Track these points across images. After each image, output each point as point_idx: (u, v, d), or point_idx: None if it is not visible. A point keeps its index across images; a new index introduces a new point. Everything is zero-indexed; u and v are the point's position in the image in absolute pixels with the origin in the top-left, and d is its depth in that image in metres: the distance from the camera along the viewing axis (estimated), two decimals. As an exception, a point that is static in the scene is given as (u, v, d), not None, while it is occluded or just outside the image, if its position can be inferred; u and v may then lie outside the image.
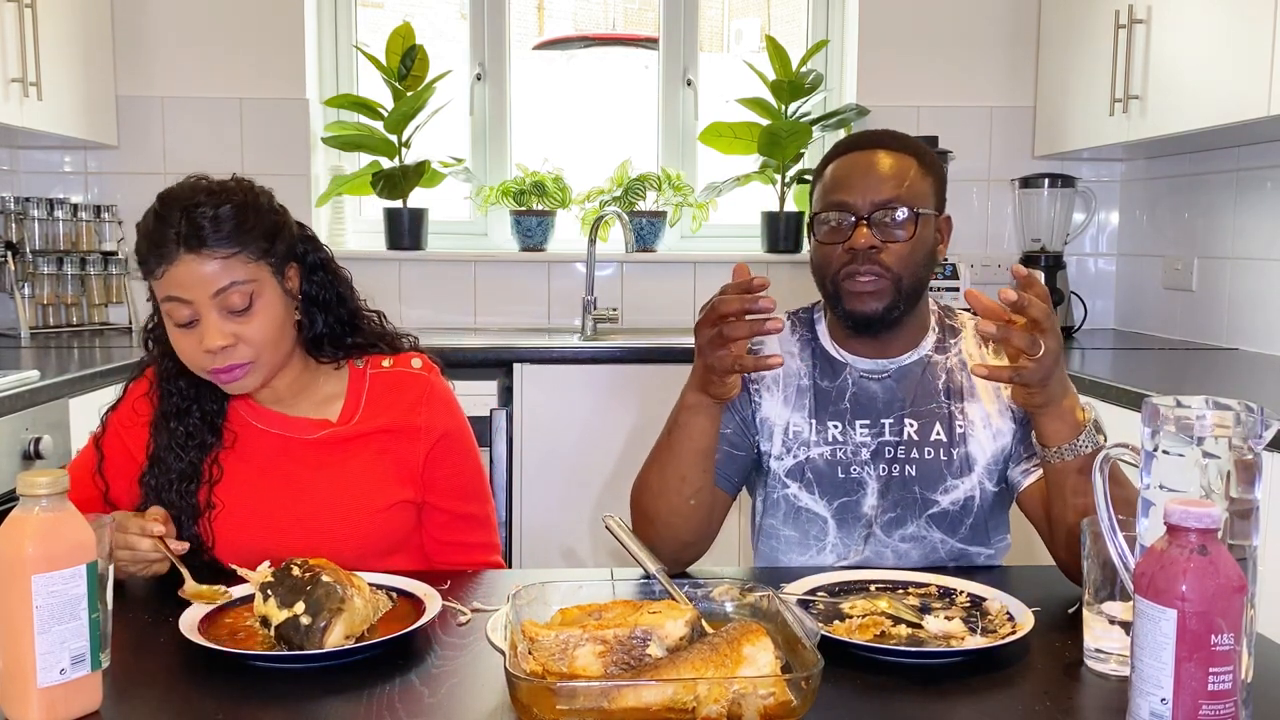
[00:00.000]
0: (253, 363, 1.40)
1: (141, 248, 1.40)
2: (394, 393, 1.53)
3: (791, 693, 0.94)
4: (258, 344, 1.39)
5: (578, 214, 3.61)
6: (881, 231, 1.43)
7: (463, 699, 1.03)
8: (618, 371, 2.96)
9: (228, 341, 1.37)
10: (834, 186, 1.47)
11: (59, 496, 0.97)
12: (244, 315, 1.38)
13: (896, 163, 1.46)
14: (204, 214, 1.36)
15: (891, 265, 1.43)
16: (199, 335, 1.37)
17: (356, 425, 1.50)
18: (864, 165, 1.46)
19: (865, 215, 1.43)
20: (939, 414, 1.50)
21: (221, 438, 1.49)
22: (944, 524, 1.49)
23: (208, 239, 1.35)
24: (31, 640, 0.94)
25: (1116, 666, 1.08)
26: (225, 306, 1.37)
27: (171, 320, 1.39)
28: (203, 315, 1.36)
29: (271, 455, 1.49)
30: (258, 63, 3.42)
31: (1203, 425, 0.95)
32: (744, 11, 3.99)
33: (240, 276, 1.37)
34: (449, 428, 1.54)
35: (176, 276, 1.36)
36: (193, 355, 1.39)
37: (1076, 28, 3.20)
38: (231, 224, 1.37)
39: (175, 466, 1.45)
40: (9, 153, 3.37)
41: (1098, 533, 1.07)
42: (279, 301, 1.42)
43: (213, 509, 1.45)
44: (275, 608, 1.11)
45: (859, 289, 1.44)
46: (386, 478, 1.50)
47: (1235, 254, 3.01)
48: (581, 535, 2.96)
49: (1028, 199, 3.48)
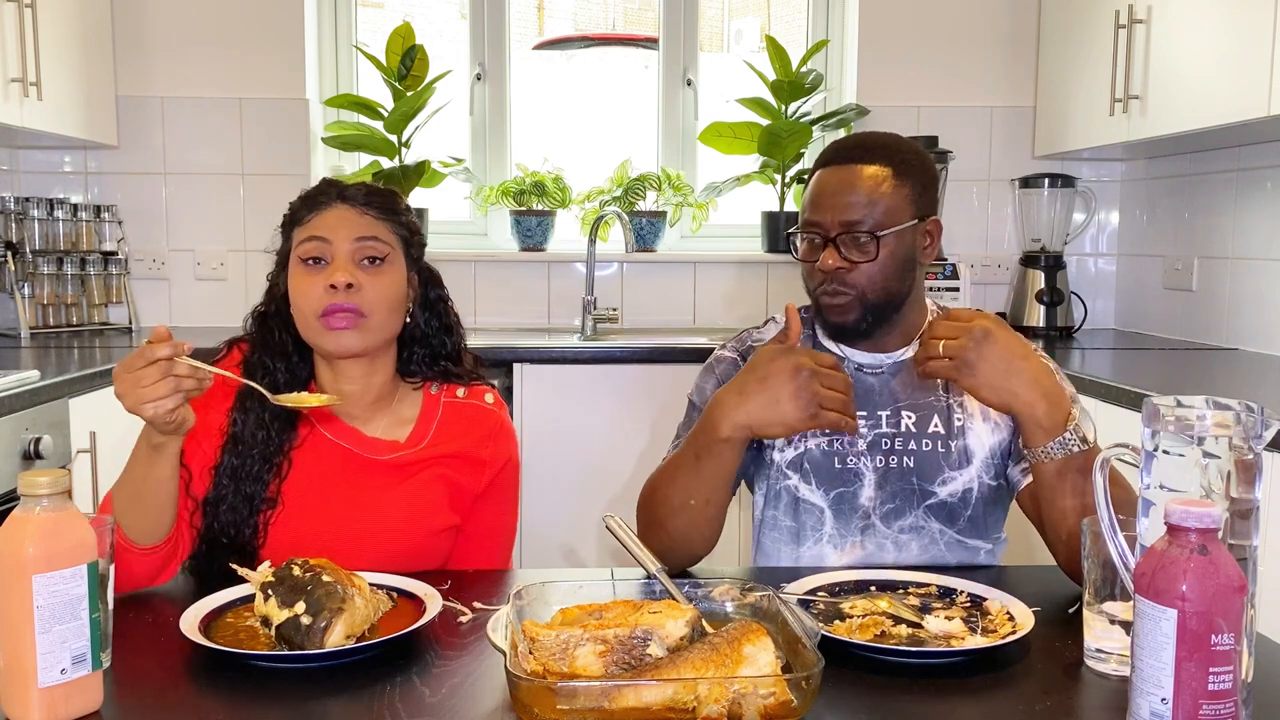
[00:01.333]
0: (366, 316, 1.44)
1: (296, 204, 1.52)
2: (465, 424, 1.55)
3: (792, 693, 0.94)
4: (375, 300, 1.45)
5: (578, 214, 3.61)
6: (848, 251, 1.46)
7: (463, 699, 1.03)
8: (618, 371, 2.96)
9: (354, 280, 1.43)
10: (809, 204, 1.51)
11: (60, 496, 0.97)
12: (373, 269, 1.46)
13: (868, 180, 1.47)
14: (364, 186, 1.52)
15: (857, 283, 1.47)
16: (326, 275, 1.43)
17: (423, 450, 1.52)
18: (835, 184, 1.48)
19: (833, 236, 1.47)
20: (937, 406, 1.52)
21: (298, 430, 1.49)
22: (942, 515, 1.50)
23: (364, 199, 1.49)
24: (32, 640, 0.94)
25: (1117, 666, 1.08)
26: (361, 253, 1.46)
27: (301, 263, 1.46)
28: (336, 256, 1.45)
29: (336, 466, 1.48)
30: (258, 63, 3.42)
31: (1203, 425, 0.95)
32: (744, 11, 3.99)
33: (382, 236, 1.48)
34: (508, 465, 1.58)
35: (324, 219, 1.47)
36: (312, 294, 1.44)
37: (1076, 28, 3.20)
38: (387, 198, 1.51)
39: (258, 447, 1.45)
40: (9, 153, 3.37)
41: (1098, 533, 1.07)
42: (402, 279, 1.50)
43: (275, 506, 1.44)
44: (276, 608, 1.11)
45: (831, 303, 1.49)
46: (442, 502, 1.51)
47: (1235, 254, 3.01)
48: (582, 535, 2.96)
49: (1028, 199, 3.48)
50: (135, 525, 1.31)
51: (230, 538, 1.42)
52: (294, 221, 1.49)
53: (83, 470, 2.33)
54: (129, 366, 1.21)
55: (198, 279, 3.47)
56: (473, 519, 1.56)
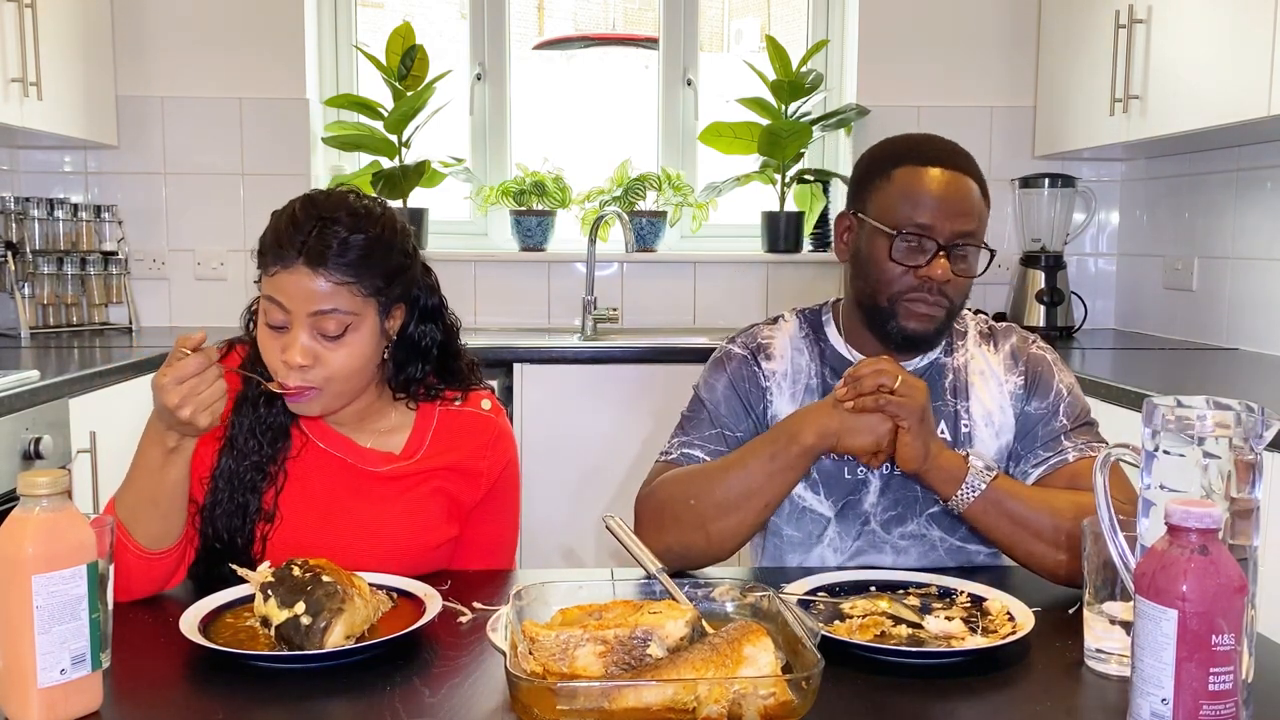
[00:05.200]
0: (320, 390, 1.37)
1: (267, 240, 1.38)
2: (461, 434, 1.51)
3: (792, 693, 0.94)
4: (333, 373, 1.37)
5: (578, 214, 3.61)
6: (955, 264, 1.42)
7: (463, 699, 1.03)
8: (618, 371, 2.96)
9: (307, 361, 1.35)
10: (916, 205, 1.42)
11: (59, 496, 0.97)
12: (332, 342, 1.36)
13: (975, 193, 1.44)
14: (336, 234, 1.34)
15: (953, 296, 1.44)
16: (283, 343, 1.36)
17: (419, 462, 1.48)
18: (949, 190, 1.42)
19: (945, 246, 1.42)
20: (944, 413, 1.50)
21: (291, 440, 1.46)
22: (943, 523, 1.50)
23: (329, 260, 1.34)
24: (32, 640, 0.94)
25: (1117, 666, 1.08)
26: (318, 328, 1.35)
27: (265, 318, 1.38)
28: (293, 327, 1.35)
29: (332, 478, 1.46)
30: (258, 63, 3.42)
31: (1203, 425, 0.95)
32: (744, 11, 3.99)
33: (344, 306, 1.35)
34: (506, 470, 1.55)
35: (285, 282, 1.34)
36: (271, 358, 1.38)
37: (1076, 28, 3.20)
38: (357, 253, 1.35)
39: (252, 455, 1.43)
40: (9, 153, 3.37)
41: (1098, 533, 1.07)
42: (372, 340, 1.40)
43: (273, 520, 1.42)
44: (275, 608, 1.11)
45: (919, 312, 1.44)
46: (439, 517, 1.48)
47: (1235, 254, 3.01)
48: (582, 535, 2.96)
49: (1028, 199, 3.48)
50: (150, 531, 1.30)
51: (224, 543, 1.40)
52: (260, 261, 1.39)
53: (83, 470, 2.33)
54: (180, 376, 1.22)
55: (198, 279, 3.47)
56: (472, 525, 1.54)
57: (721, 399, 1.52)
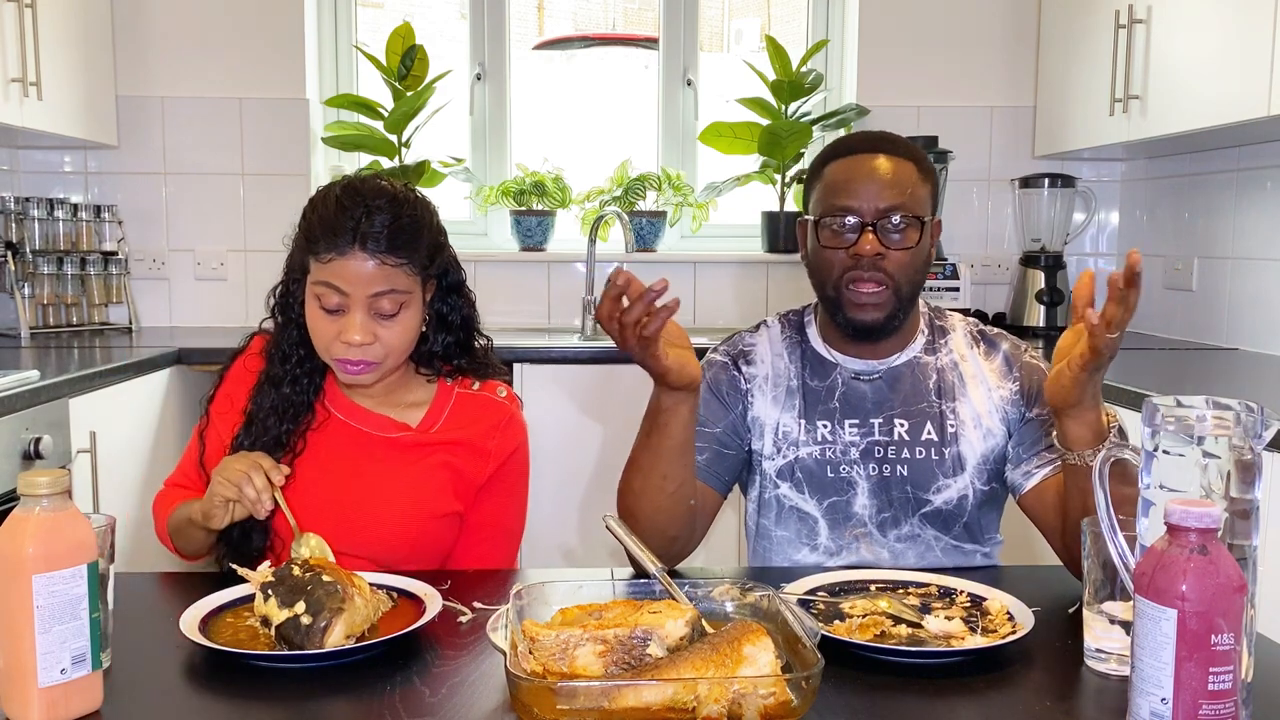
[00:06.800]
0: (379, 364, 1.45)
1: (315, 227, 1.43)
2: (475, 414, 1.56)
3: (792, 692, 0.94)
4: (390, 348, 1.45)
5: (578, 214, 3.61)
6: (885, 238, 1.43)
7: (463, 699, 1.03)
8: (618, 371, 2.96)
9: (368, 340, 1.42)
10: (837, 190, 1.45)
11: (60, 496, 0.97)
12: (389, 320, 1.44)
13: (898, 168, 1.45)
14: (385, 219, 1.41)
15: (893, 273, 1.44)
16: (341, 325, 1.42)
17: (432, 435, 1.54)
18: (868, 169, 1.45)
19: (871, 221, 1.43)
20: (930, 413, 1.50)
21: (315, 414, 1.53)
22: (937, 522, 1.50)
23: (383, 243, 1.41)
24: (32, 640, 0.94)
25: (1117, 666, 1.08)
26: (375, 308, 1.42)
27: (319, 303, 1.44)
28: (352, 309, 1.42)
29: (345, 445, 1.52)
30: (258, 63, 3.42)
31: (1203, 425, 0.95)
32: (744, 11, 3.99)
33: (399, 286, 1.43)
34: (514, 456, 1.58)
35: (341, 268, 1.40)
36: (327, 339, 1.44)
37: (1076, 28, 3.21)
38: (407, 235, 1.43)
39: (272, 430, 1.49)
40: (9, 153, 3.37)
41: (1098, 533, 1.07)
42: (419, 314, 1.49)
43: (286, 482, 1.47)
44: (276, 608, 1.11)
45: (861, 299, 1.44)
46: (446, 488, 1.53)
47: (1235, 254, 3.01)
48: (582, 535, 2.96)
49: (1028, 199, 3.48)
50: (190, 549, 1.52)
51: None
52: (311, 248, 1.43)
53: (83, 470, 2.33)
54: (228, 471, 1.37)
55: (198, 279, 3.47)
56: (477, 509, 1.56)
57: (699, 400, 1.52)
